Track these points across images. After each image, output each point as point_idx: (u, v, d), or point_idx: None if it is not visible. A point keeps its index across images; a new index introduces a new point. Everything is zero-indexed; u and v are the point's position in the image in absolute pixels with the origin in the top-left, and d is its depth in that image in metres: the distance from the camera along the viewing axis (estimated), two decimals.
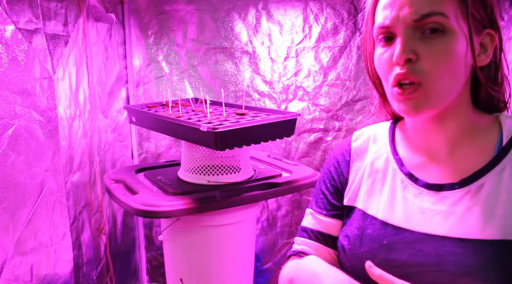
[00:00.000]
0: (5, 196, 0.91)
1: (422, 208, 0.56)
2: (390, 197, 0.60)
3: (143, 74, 1.71)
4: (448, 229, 0.52)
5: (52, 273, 1.08)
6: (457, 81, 0.53)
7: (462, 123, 0.56)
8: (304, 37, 1.61)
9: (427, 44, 0.51)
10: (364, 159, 0.66)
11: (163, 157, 1.74)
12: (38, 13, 1.02)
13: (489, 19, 0.53)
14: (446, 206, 0.54)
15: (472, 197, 0.52)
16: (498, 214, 0.50)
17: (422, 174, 0.58)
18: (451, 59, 0.51)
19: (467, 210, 0.52)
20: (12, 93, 0.93)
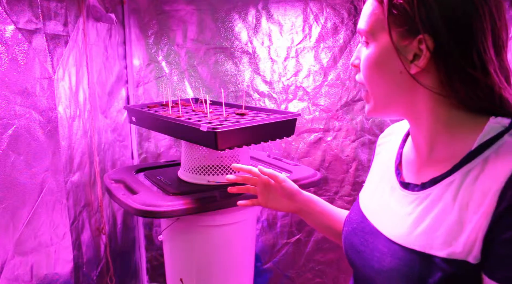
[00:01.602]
0: (5, 196, 0.91)
1: (388, 203, 0.59)
2: (375, 187, 0.65)
3: (143, 74, 1.71)
4: (388, 228, 0.56)
5: (52, 273, 1.08)
6: (395, 87, 0.54)
7: (439, 124, 0.54)
8: (304, 37, 1.61)
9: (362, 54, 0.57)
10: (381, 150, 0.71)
11: (163, 157, 1.74)
12: (38, 13, 1.02)
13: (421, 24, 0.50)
14: (400, 205, 0.56)
15: (419, 202, 0.53)
16: (424, 225, 0.50)
17: (406, 170, 0.60)
18: (372, 68, 0.55)
19: (407, 215, 0.53)
20: (12, 93, 0.93)
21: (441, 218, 0.49)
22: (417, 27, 0.50)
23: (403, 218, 0.54)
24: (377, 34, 0.54)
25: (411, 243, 0.51)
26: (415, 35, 0.50)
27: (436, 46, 0.49)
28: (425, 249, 0.49)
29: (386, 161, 0.66)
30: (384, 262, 0.54)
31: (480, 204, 0.45)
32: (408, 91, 0.54)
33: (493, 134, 0.49)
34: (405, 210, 0.54)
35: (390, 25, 0.52)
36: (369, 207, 0.64)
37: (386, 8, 0.52)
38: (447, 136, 0.53)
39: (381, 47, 0.54)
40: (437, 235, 0.48)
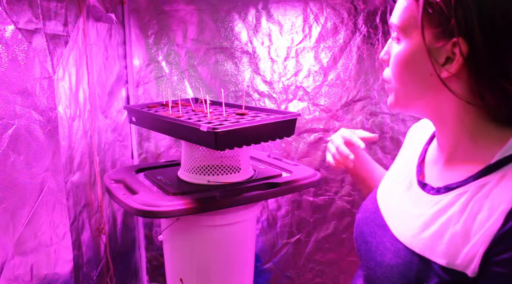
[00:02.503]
0: (5, 196, 0.91)
1: (402, 199, 0.59)
2: (395, 180, 0.64)
3: (143, 74, 1.71)
4: (397, 226, 0.56)
5: (52, 273, 1.08)
6: (423, 89, 0.53)
7: (462, 132, 0.53)
8: (304, 37, 1.61)
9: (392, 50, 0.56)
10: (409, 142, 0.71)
11: (163, 157, 1.74)
12: (38, 13, 1.02)
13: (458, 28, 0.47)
14: (412, 205, 0.56)
15: (431, 206, 0.52)
16: (431, 230, 0.50)
17: (427, 170, 0.59)
18: (401, 65, 0.54)
19: (417, 216, 0.53)
20: (12, 93, 0.93)
21: (447, 226, 0.48)
22: (452, 29, 0.47)
23: (413, 219, 0.54)
24: (409, 32, 0.52)
25: (414, 245, 0.51)
26: (450, 38, 0.48)
27: (470, 51, 0.47)
28: (426, 254, 0.49)
29: (410, 155, 0.65)
30: (385, 257, 0.55)
31: (487, 220, 0.44)
32: (435, 94, 0.52)
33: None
34: (416, 211, 0.54)
35: (424, 24, 0.49)
36: (384, 199, 0.63)
37: (421, 6, 0.49)
38: (470, 145, 0.52)
39: (412, 46, 0.52)
40: (441, 242, 0.48)
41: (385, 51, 0.58)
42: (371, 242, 0.60)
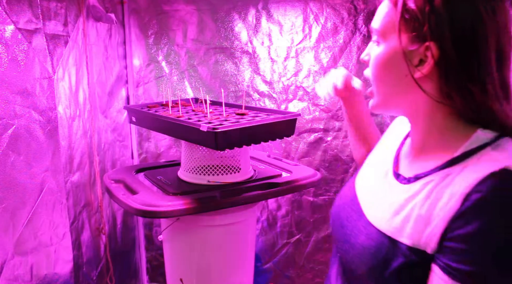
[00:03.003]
0: (5, 196, 0.91)
1: (378, 187, 0.64)
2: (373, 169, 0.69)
3: (143, 74, 1.71)
4: (371, 211, 0.61)
5: (52, 273, 1.08)
6: (399, 88, 0.58)
7: (434, 128, 0.58)
8: (304, 37, 1.61)
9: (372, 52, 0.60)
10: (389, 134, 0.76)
11: (163, 157, 1.74)
12: (38, 13, 1.02)
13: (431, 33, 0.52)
14: (387, 193, 0.61)
15: (402, 195, 0.57)
16: (401, 215, 0.55)
17: (402, 162, 0.65)
18: (380, 67, 0.58)
19: (390, 203, 0.58)
20: (12, 93, 0.93)
21: (413, 211, 0.53)
22: (425, 34, 0.52)
23: (386, 206, 0.59)
24: (388, 36, 0.57)
25: (386, 229, 0.56)
26: (423, 42, 0.53)
27: (440, 55, 0.52)
28: (395, 236, 0.54)
29: (389, 146, 0.71)
30: (359, 239, 0.60)
31: (447, 203, 0.49)
32: (410, 94, 0.57)
33: (477, 145, 0.52)
34: (389, 198, 0.59)
35: (400, 29, 0.54)
36: (362, 187, 0.69)
37: (399, 13, 0.54)
38: (438, 139, 0.57)
39: (390, 48, 0.56)
40: (408, 225, 0.53)
41: (366, 52, 0.62)
42: (347, 225, 0.65)
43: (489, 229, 0.46)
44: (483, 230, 0.46)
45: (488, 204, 0.46)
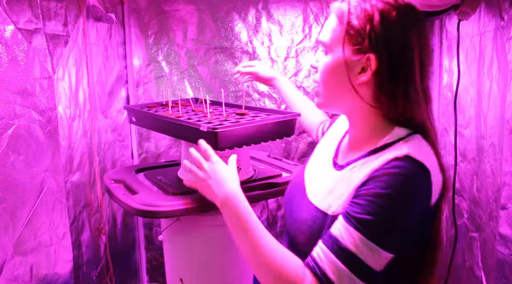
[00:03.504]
0: (5, 196, 0.91)
1: (319, 173, 0.77)
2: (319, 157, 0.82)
3: (143, 74, 1.71)
4: (312, 192, 0.74)
5: (52, 273, 1.08)
6: (342, 92, 0.69)
7: (366, 126, 0.70)
8: (304, 37, 1.61)
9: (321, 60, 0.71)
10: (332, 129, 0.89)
11: (163, 157, 1.74)
12: (38, 13, 1.02)
13: (371, 46, 0.63)
14: (325, 178, 0.74)
15: (334, 178, 0.70)
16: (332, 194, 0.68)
17: (340, 152, 0.77)
18: (328, 72, 0.69)
19: (325, 185, 0.71)
20: (12, 93, 0.93)
21: (339, 190, 0.67)
22: (366, 47, 0.64)
23: (323, 187, 0.71)
24: (334, 47, 0.67)
25: (321, 205, 0.69)
26: (364, 54, 0.64)
27: (377, 65, 0.64)
28: (326, 210, 0.67)
29: (332, 138, 0.84)
30: (300, 215, 0.73)
31: (360, 178, 0.63)
32: (349, 97, 0.68)
33: (393, 139, 0.66)
34: (326, 181, 0.72)
35: (345, 42, 0.65)
36: (309, 173, 0.81)
37: (344, 28, 0.65)
38: (366, 135, 0.70)
39: (336, 58, 0.67)
40: (335, 201, 0.66)
41: (316, 59, 0.73)
42: (293, 204, 0.78)
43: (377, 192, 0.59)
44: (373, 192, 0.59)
45: (387, 174, 0.59)
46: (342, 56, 0.66)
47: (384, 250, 0.59)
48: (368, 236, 0.59)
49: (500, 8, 1.02)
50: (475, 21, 1.17)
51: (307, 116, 1.12)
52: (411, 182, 0.59)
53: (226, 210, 0.74)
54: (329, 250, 0.61)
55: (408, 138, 0.65)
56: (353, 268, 0.59)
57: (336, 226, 0.62)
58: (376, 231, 0.59)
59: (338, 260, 0.60)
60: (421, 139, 0.66)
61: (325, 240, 0.63)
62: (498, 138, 1.03)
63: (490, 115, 1.08)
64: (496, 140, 1.04)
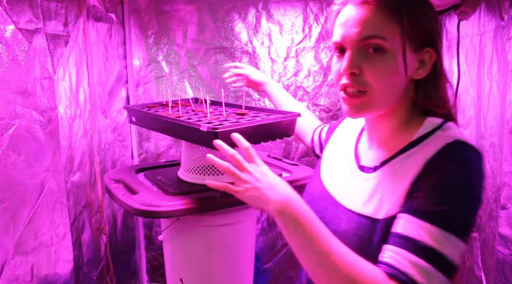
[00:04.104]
0: (6, 196, 0.91)
1: (347, 181, 0.71)
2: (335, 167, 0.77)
3: (143, 74, 1.71)
4: (347, 200, 0.69)
5: (52, 273, 1.08)
6: (396, 92, 0.64)
7: (396, 123, 0.67)
8: (304, 37, 1.61)
9: (369, 61, 0.62)
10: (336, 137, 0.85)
11: (163, 157, 1.74)
12: (38, 13, 1.02)
13: (428, 39, 0.63)
14: (357, 183, 0.69)
15: (372, 181, 0.66)
16: (376, 197, 0.63)
17: (362, 156, 0.73)
18: (389, 74, 0.62)
19: (363, 190, 0.66)
20: (12, 93, 0.93)
21: (386, 190, 0.62)
22: (426, 41, 0.62)
23: (360, 193, 0.66)
24: (391, 42, 0.61)
25: (364, 211, 0.64)
26: (422, 48, 0.62)
27: (436, 58, 0.63)
28: (374, 215, 0.62)
29: (344, 145, 0.79)
30: (340, 225, 0.67)
31: (411, 171, 0.59)
32: (399, 96, 0.65)
33: (429, 130, 0.63)
34: (361, 186, 0.67)
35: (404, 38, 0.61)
36: (331, 182, 0.76)
37: (405, 21, 0.60)
38: (398, 131, 0.67)
39: (395, 56, 0.61)
40: (383, 204, 0.62)
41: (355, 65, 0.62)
42: (325, 216, 0.70)
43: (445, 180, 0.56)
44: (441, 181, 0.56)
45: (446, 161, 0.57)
46: (402, 53, 0.61)
47: (462, 241, 0.55)
48: (446, 227, 0.54)
49: (500, 8, 1.02)
50: (475, 21, 1.17)
51: (300, 121, 1.08)
52: (471, 164, 0.57)
53: (285, 215, 0.63)
54: (408, 252, 0.55)
55: (444, 126, 0.63)
56: (439, 265, 0.54)
57: (406, 225, 0.57)
58: (454, 221, 0.55)
59: (422, 260, 0.54)
60: (456, 126, 0.65)
61: (397, 243, 0.57)
62: (498, 138, 1.03)
63: (490, 115, 1.08)
64: (496, 140, 1.04)
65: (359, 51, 0.62)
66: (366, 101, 0.64)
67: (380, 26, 0.60)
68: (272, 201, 0.64)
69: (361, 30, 0.61)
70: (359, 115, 0.66)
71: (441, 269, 0.54)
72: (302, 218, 0.61)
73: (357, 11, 0.62)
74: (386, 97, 0.64)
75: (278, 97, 1.18)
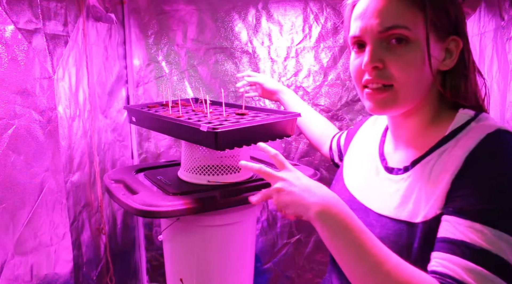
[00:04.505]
0: (5, 196, 0.91)
1: (374, 184, 0.67)
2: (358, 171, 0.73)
3: (143, 74, 1.71)
4: (377, 204, 0.64)
5: (52, 273, 1.08)
6: (423, 85, 0.60)
7: (424, 119, 0.62)
8: (304, 37, 1.61)
9: (393, 53, 0.58)
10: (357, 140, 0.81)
11: (163, 157, 1.74)
12: (38, 13, 1.02)
13: (454, 27, 0.59)
14: (386, 186, 0.64)
15: (404, 182, 0.61)
16: (411, 199, 0.58)
17: (389, 157, 0.68)
18: (415, 65, 0.57)
19: (394, 192, 0.61)
20: (12, 93, 0.93)
21: (422, 191, 0.57)
22: (451, 29, 0.58)
23: (391, 196, 0.61)
24: (415, 32, 0.56)
25: (400, 215, 0.59)
26: (447, 37, 0.58)
27: (463, 48, 0.59)
28: (412, 219, 0.57)
29: (367, 148, 0.75)
30: (374, 232, 0.59)
31: (449, 168, 0.54)
32: (426, 89, 0.60)
33: (462, 122, 0.58)
34: (392, 189, 0.62)
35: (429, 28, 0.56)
36: (358, 188, 0.71)
37: (429, 8, 0.56)
38: (427, 127, 0.62)
39: (421, 46, 0.57)
40: (420, 206, 0.56)
41: (377, 58, 0.58)
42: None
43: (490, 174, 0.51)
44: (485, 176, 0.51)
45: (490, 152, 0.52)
46: (427, 42, 0.56)
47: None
48: (498, 226, 0.49)
49: (500, 8, 1.02)
50: (475, 21, 1.17)
51: (315, 129, 1.03)
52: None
53: (327, 218, 0.56)
54: (458, 257, 0.49)
55: (478, 118, 0.58)
56: (495, 268, 0.48)
57: (452, 228, 0.51)
58: (506, 218, 0.49)
59: (475, 264, 0.48)
60: (489, 116, 0.60)
61: (445, 249, 0.51)
62: None
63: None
64: None
65: (380, 44, 0.58)
66: (392, 96, 0.59)
67: (402, 15, 0.56)
68: (311, 203, 0.58)
69: (381, 20, 0.57)
70: (384, 111, 0.62)
71: (497, 273, 0.48)
72: (345, 219, 0.55)
73: (375, 1, 0.58)
74: (412, 91, 0.59)
75: (295, 106, 1.12)
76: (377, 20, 0.57)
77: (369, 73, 0.60)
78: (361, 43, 0.62)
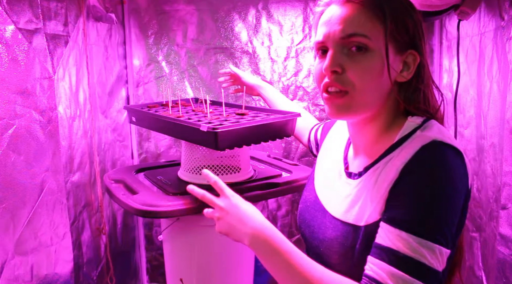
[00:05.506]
0: (5, 196, 0.91)
1: (335, 187, 0.71)
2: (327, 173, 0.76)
3: (143, 74, 1.71)
4: (333, 207, 0.68)
5: (52, 273, 1.08)
6: (379, 93, 0.62)
7: (379, 127, 0.65)
8: (304, 37, 1.61)
9: (352, 59, 0.60)
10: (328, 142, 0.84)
11: (163, 157, 1.74)
12: (38, 13, 1.02)
13: (412, 42, 0.62)
14: (343, 190, 0.68)
15: (355, 187, 0.65)
16: (358, 204, 0.62)
17: (351, 162, 0.72)
18: (372, 73, 0.60)
19: (347, 197, 0.65)
20: (12, 93, 0.93)
21: (368, 196, 0.61)
22: (409, 43, 0.61)
23: (344, 199, 0.66)
24: (374, 42, 0.60)
25: (348, 218, 0.63)
26: (406, 50, 0.62)
27: (419, 61, 0.62)
28: (357, 222, 0.61)
29: (335, 153, 0.78)
30: (326, 233, 0.67)
31: (389, 176, 0.58)
32: (382, 98, 0.63)
33: (409, 131, 0.61)
34: (345, 193, 0.66)
35: (389, 39, 0.60)
36: (321, 188, 0.75)
37: (389, 21, 0.59)
38: (380, 135, 0.65)
39: (379, 56, 0.60)
40: (365, 211, 0.60)
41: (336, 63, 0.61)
42: (313, 225, 0.72)
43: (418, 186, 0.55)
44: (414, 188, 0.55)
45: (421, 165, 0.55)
46: (385, 54, 0.59)
47: (443, 247, 0.54)
48: (423, 235, 0.53)
49: (500, 8, 1.02)
50: (475, 21, 1.17)
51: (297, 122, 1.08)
52: (447, 166, 0.55)
53: (260, 246, 0.64)
54: (389, 264, 0.54)
55: (425, 125, 0.61)
56: (421, 276, 0.52)
57: (383, 235, 0.56)
58: (431, 228, 0.53)
59: (399, 270, 0.53)
60: (438, 124, 0.62)
61: (376, 254, 0.56)
62: (498, 139, 1.03)
63: (490, 115, 1.08)
64: (496, 140, 1.04)
65: (341, 50, 0.61)
66: (348, 102, 0.62)
67: (364, 25, 0.59)
68: (244, 233, 0.65)
69: (344, 27, 0.60)
70: (340, 116, 0.65)
71: (419, 278, 0.52)
72: (273, 244, 0.62)
73: (341, 10, 0.61)
74: (368, 99, 0.62)
75: (275, 100, 1.17)
76: (340, 27, 0.60)
77: (328, 77, 0.62)
78: (325, 49, 0.64)
